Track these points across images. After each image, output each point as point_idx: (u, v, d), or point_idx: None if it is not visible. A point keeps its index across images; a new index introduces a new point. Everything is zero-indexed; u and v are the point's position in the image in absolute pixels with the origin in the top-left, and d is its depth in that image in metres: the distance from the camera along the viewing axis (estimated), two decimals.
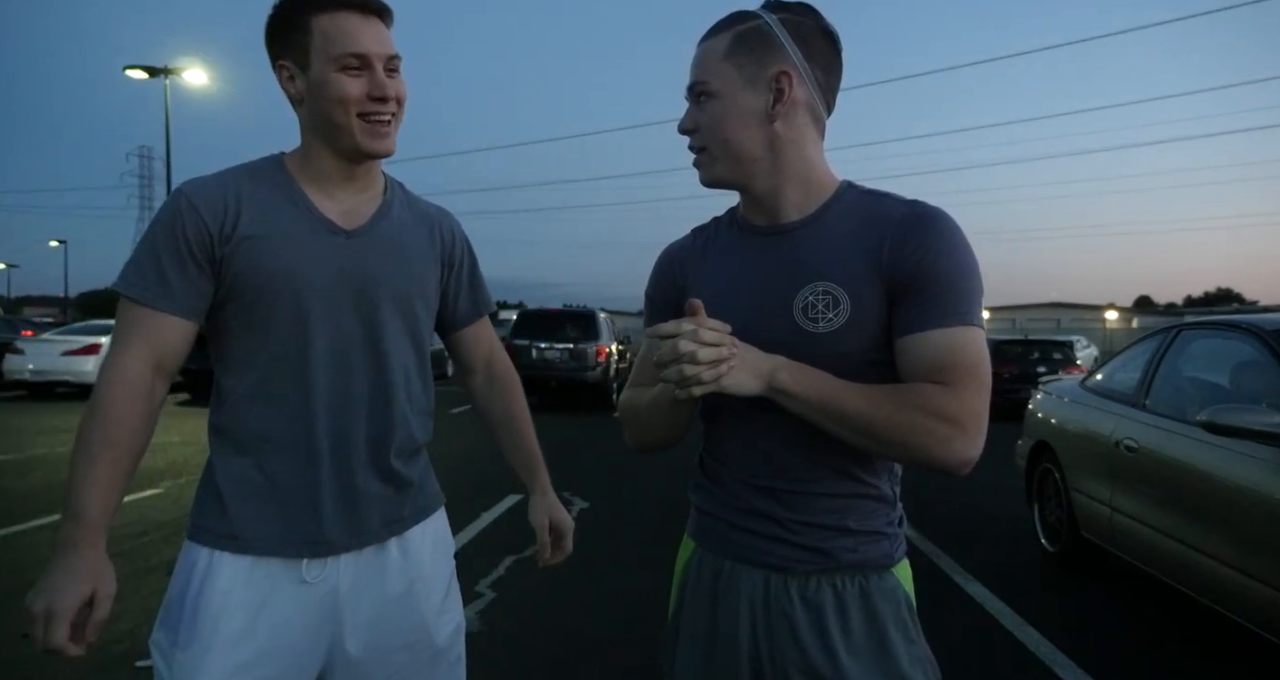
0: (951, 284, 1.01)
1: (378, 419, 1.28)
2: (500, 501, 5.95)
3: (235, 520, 1.22)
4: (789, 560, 1.10)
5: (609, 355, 13.29)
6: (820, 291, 1.05)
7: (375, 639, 1.28)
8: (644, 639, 3.44)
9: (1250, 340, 3.31)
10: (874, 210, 1.07)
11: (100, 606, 1.13)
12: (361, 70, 1.21)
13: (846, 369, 1.03)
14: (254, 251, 1.21)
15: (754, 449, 1.12)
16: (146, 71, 19.62)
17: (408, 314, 1.32)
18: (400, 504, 1.33)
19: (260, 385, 1.23)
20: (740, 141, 1.08)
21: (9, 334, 15.25)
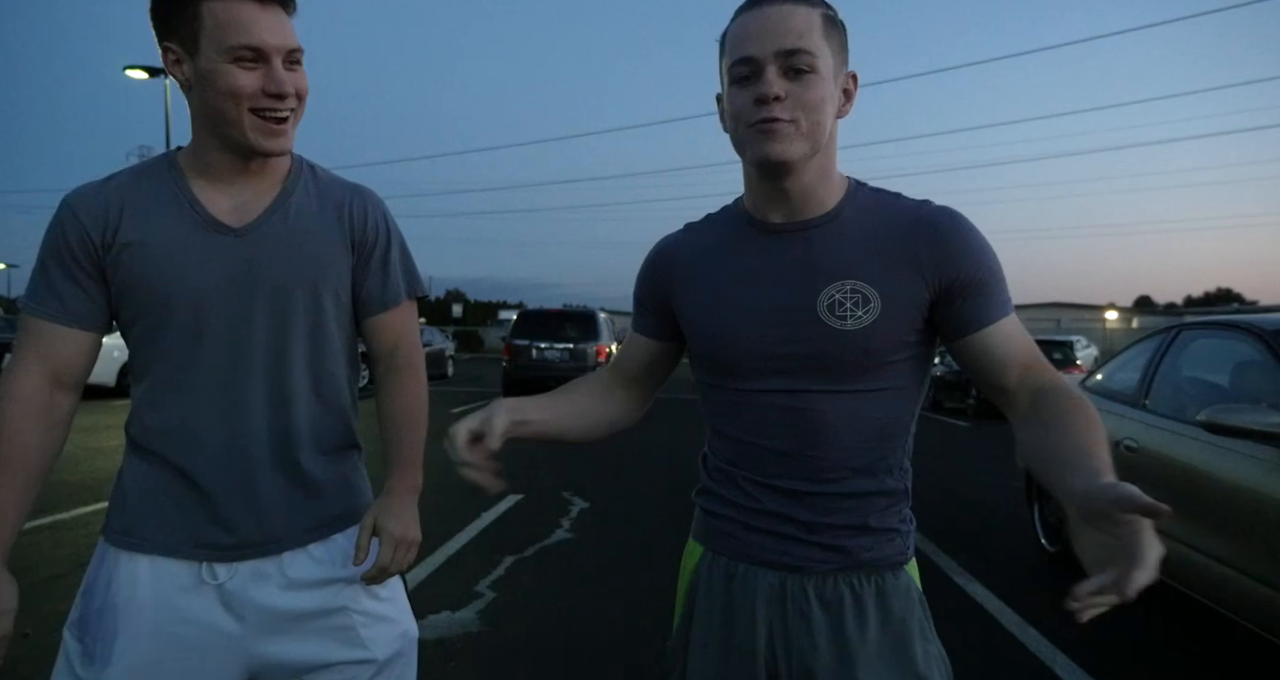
0: (998, 278, 1.06)
1: (279, 418, 1.24)
2: (500, 502, 5.95)
3: (135, 520, 1.21)
4: (805, 560, 1.09)
5: (609, 355, 13.30)
6: (848, 289, 1.04)
7: (302, 649, 1.23)
8: (644, 638, 3.44)
9: (1250, 340, 3.31)
10: (893, 210, 1.08)
11: (2, 621, 1.12)
12: (256, 63, 1.13)
13: (870, 365, 1.04)
14: (135, 258, 1.18)
15: (770, 450, 1.10)
16: (146, 71, 19.61)
17: (309, 308, 1.25)
18: (316, 509, 1.27)
19: (155, 389, 1.22)
20: (824, 126, 1.04)
21: (9, 334, 15.24)
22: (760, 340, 1.08)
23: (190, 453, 1.20)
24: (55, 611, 3.49)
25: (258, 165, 1.23)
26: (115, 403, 12.69)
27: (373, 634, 1.27)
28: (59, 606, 3.55)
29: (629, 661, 3.10)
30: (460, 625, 3.48)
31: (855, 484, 1.08)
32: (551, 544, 4.83)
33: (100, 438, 8.69)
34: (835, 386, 1.06)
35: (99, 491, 5.98)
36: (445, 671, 3.02)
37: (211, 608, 1.20)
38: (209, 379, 1.21)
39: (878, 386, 1.06)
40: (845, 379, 1.05)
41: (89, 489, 6.06)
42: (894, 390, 1.08)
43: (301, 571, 1.25)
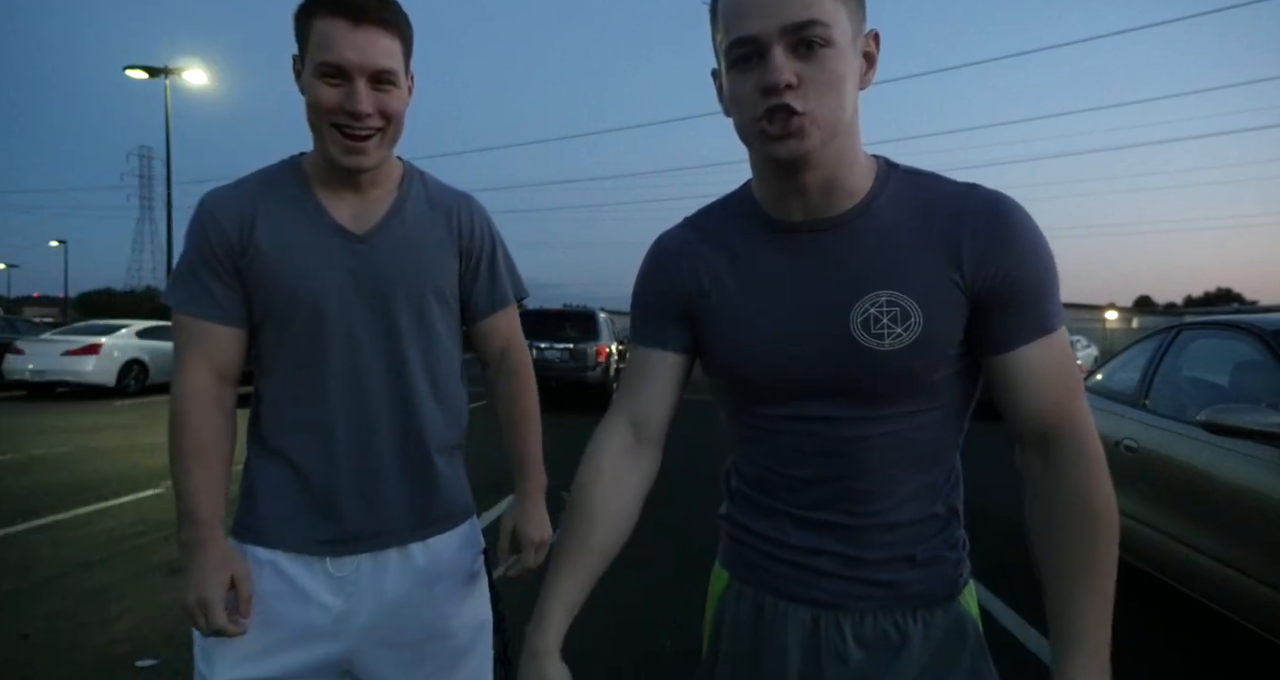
0: (1045, 290, 0.89)
1: (399, 418, 1.30)
2: (501, 501, 5.94)
3: (262, 518, 1.28)
4: (842, 596, 0.96)
5: (609, 355, 13.29)
6: (884, 302, 0.89)
7: (395, 634, 1.30)
8: (644, 639, 3.44)
9: (1250, 340, 3.31)
10: (931, 198, 0.92)
11: (242, 586, 1.22)
12: (339, 79, 1.17)
13: (914, 388, 0.91)
14: (268, 259, 1.24)
15: (801, 479, 0.97)
16: (146, 71, 19.62)
17: (424, 311, 1.32)
18: (427, 507, 1.33)
19: (282, 388, 1.28)
20: (846, 108, 0.88)
21: (9, 334, 15.25)
22: (786, 364, 0.95)
23: (315, 449, 1.27)
24: (55, 612, 3.50)
25: (368, 177, 1.29)
26: (115, 403, 12.70)
27: (459, 621, 1.36)
28: (59, 606, 3.56)
29: (629, 662, 3.10)
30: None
31: (898, 513, 0.95)
32: (551, 544, 4.82)
33: (100, 438, 8.68)
34: (873, 411, 0.92)
35: (99, 491, 5.98)
36: None
37: (330, 597, 1.27)
38: (333, 378, 1.26)
39: (921, 408, 0.93)
40: (884, 403, 0.92)
41: (89, 489, 6.06)
42: (940, 410, 0.94)
43: (407, 564, 1.31)
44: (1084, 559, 0.87)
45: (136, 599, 3.67)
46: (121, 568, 4.17)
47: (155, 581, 3.95)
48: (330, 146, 1.22)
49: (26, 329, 16.51)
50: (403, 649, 1.31)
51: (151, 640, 3.20)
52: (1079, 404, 0.91)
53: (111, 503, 5.66)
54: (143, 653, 3.08)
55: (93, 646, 3.13)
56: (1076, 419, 0.90)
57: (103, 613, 3.47)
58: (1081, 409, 0.91)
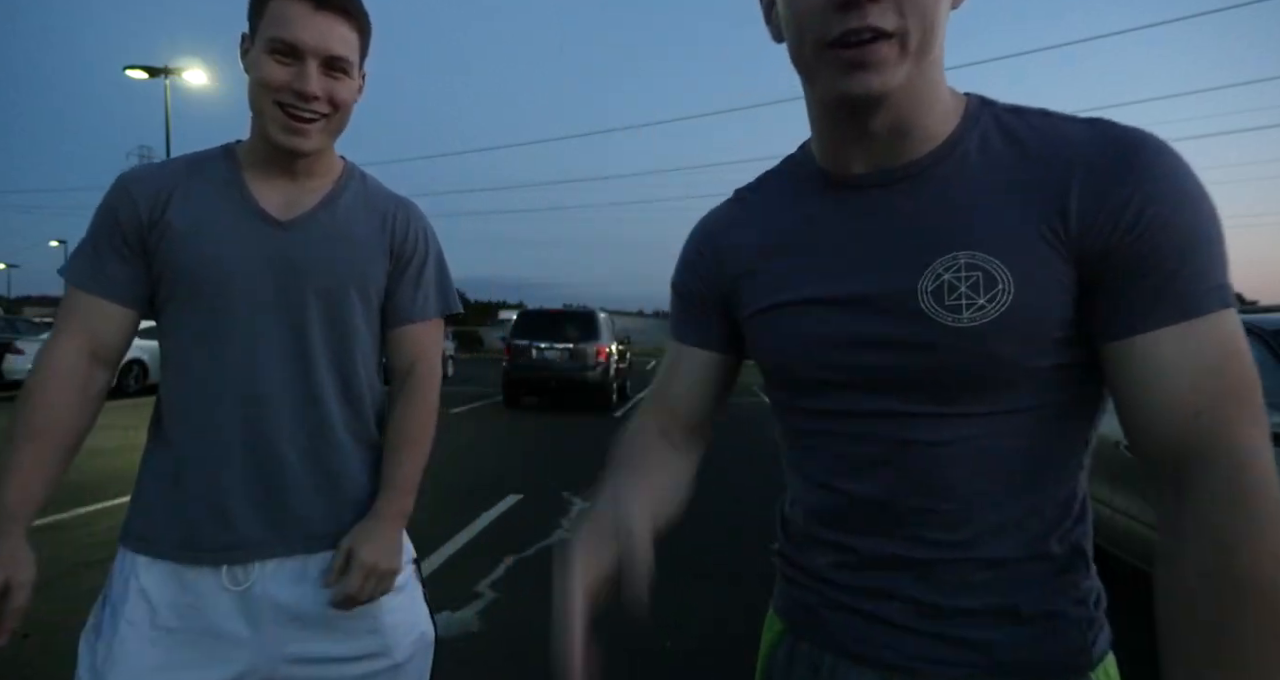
0: (1186, 252, 0.65)
1: (303, 419, 1.22)
2: (500, 501, 5.94)
3: (151, 523, 1.20)
4: (918, 659, 0.75)
5: (609, 355, 13.28)
6: (962, 265, 0.71)
7: (317, 650, 1.22)
8: (643, 639, 3.44)
9: (1250, 340, 3.31)
10: (1036, 138, 0.71)
11: (16, 595, 1.12)
12: (290, 59, 1.14)
13: (1000, 379, 0.71)
14: (178, 238, 1.19)
15: (862, 498, 0.78)
16: (146, 71, 19.62)
17: (342, 307, 1.25)
18: (337, 515, 1.25)
19: (180, 381, 1.21)
20: (941, 30, 0.70)
21: (9, 334, 15.25)
22: (837, 343, 0.77)
23: (205, 444, 1.19)
24: (55, 612, 3.48)
25: (303, 165, 1.24)
26: (113, 403, 12.69)
27: (393, 635, 1.27)
28: (59, 607, 3.54)
29: (629, 661, 3.10)
30: (460, 625, 3.47)
31: (989, 548, 0.73)
32: (551, 544, 4.81)
33: (99, 438, 8.67)
34: (951, 408, 0.73)
35: (99, 491, 5.98)
36: (445, 671, 3.02)
37: (229, 613, 1.18)
38: (234, 368, 1.20)
39: (1017, 407, 0.72)
40: (967, 398, 0.72)
41: (89, 489, 6.05)
42: (1046, 412, 0.72)
43: (321, 574, 1.23)
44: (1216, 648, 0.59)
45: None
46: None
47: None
48: (270, 125, 1.17)
49: (26, 329, 16.51)
50: (327, 666, 1.22)
51: None
52: (1239, 423, 0.63)
53: (111, 503, 5.66)
54: None
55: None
56: (1240, 441, 0.62)
57: None
58: (1250, 429, 0.63)
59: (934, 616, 0.75)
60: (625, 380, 15.82)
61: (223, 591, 1.18)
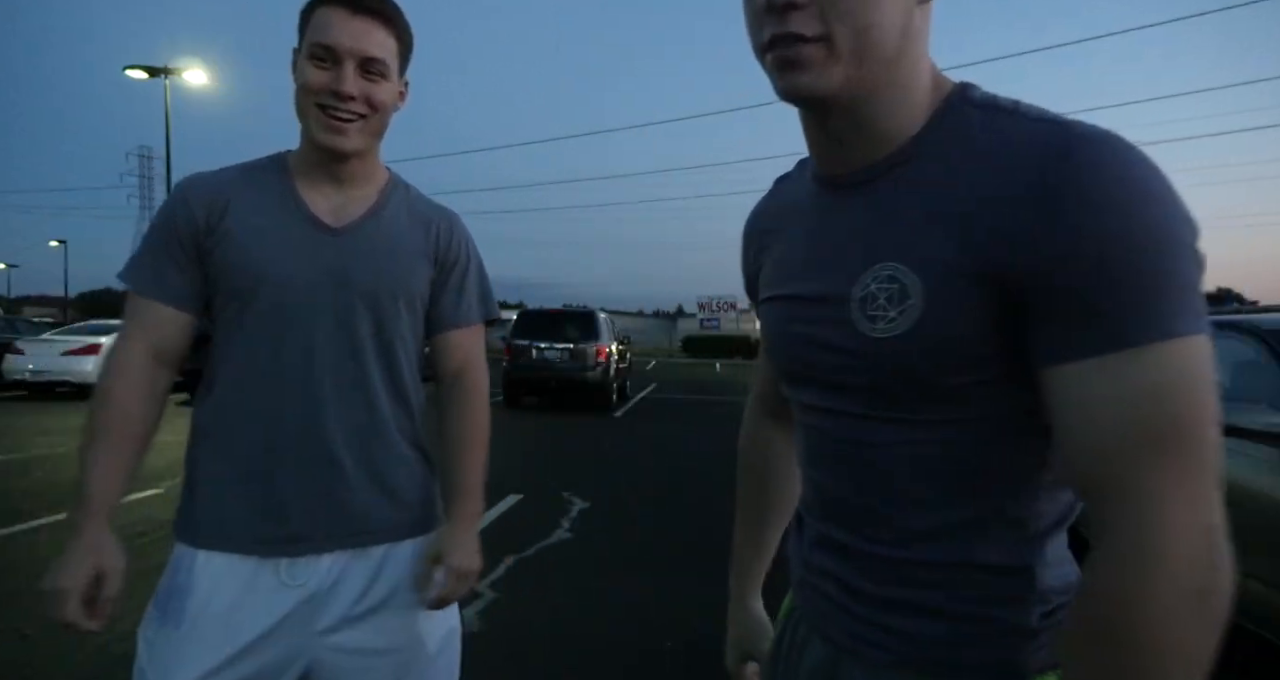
0: (1123, 274, 0.59)
1: (356, 421, 1.26)
2: (500, 501, 5.94)
3: (204, 515, 1.24)
4: (856, 639, 0.78)
5: (609, 355, 13.28)
6: (885, 277, 0.70)
7: (356, 643, 1.26)
8: (644, 639, 3.44)
9: (1250, 340, 3.31)
10: (995, 140, 0.67)
11: (108, 582, 1.16)
12: (328, 63, 1.20)
13: (922, 391, 0.69)
14: (236, 244, 1.23)
15: (820, 485, 0.82)
16: (146, 71, 19.62)
17: (390, 313, 1.30)
18: (387, 512, 1.29)
19: (234, 376, 1.25)
20: (883, 30, 0.68)
21: (9, 334, 15.25)
22: (798, 340, 0.79)
23: (262, 441, 1.23)
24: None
25: (349, 170, 1.29)
26: None
27: (428, 628, 1.32)
28: None
29: (629, 661, 3.10)
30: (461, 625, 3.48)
31: (921, 550, 0.73)
32: (551, 544, 4.82)
33: None
34: (889, 412, 0.73)
35: None
36: None
37: (282, 604, 1.22)
38: (288, 369, 1.24)
39: (948, 418, 0.70)
40: (898, 404, 0.72)
41: None
42: (982, 425, 0.70)
43: (368, 569, 1.27)
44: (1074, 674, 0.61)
45: (136, 599, 3.66)
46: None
47: (155, 581, 3.94)
48: (312, 126, 1.22)
49: (26, 329, 16.52)
50: (371, 656, 1.27)
51: None
52: (1152, 470, 0.58)
53: None
54: None
55: (92, 646, 3.13)
56: (1148, 492, 0.58)
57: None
58: (1165, 480, 0.58)
59: (866, 602, 0.77)
60: (625, 380, 15.81)
61: (279, 585, 1.22)
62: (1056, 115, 0.66)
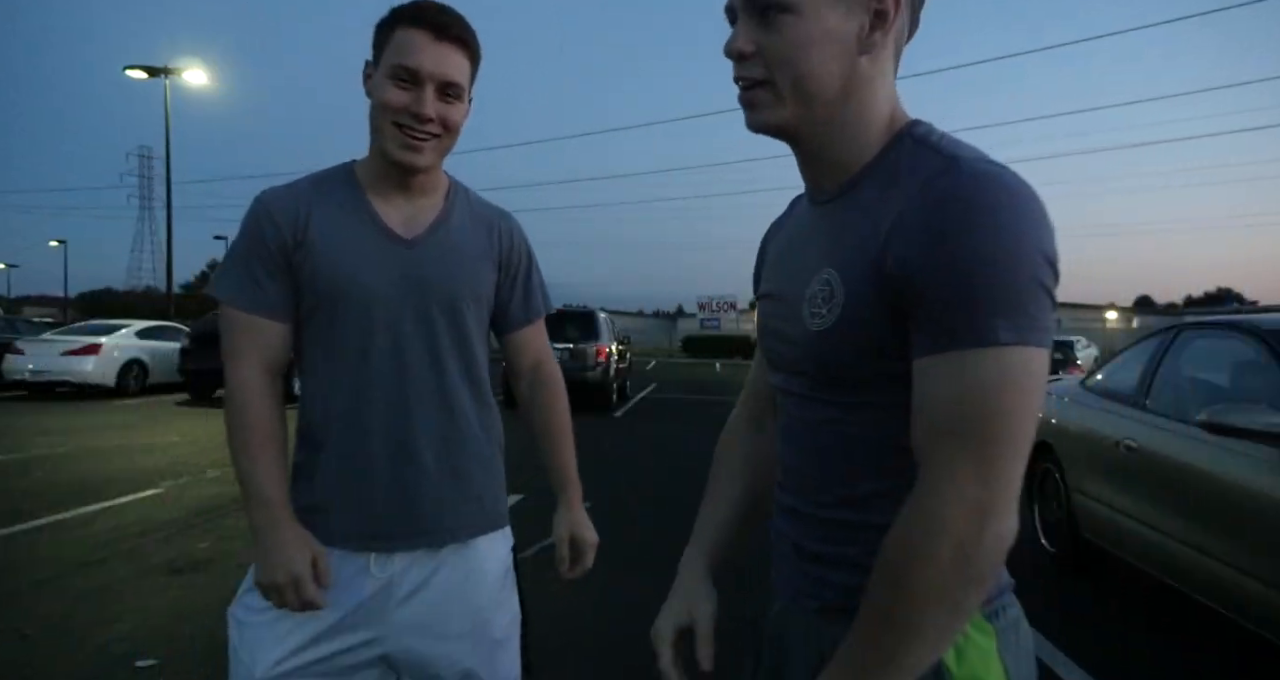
0: (955, 290, 0.71)
1: (439, 419, 1.34)
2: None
3: (300, 510, 1.30)
4: (796, 591, 0.92)
5: (609, 355, 13.29)
6: (824, 280, 0.83)
7: (434, 628, 1.33)
8: (644, 639, 3.43)
9: (1250, 340, 3.31)
10: (910, 174, 0.79)
11: (320, 562, 1.25)
12: (409, 84, 1.25)
13: (844, 377, 0.83)
14: (322, 257, 1.29)
15: (787, 461, 0.95)
16: (146, 71, 19.64)
17: (463, 317, 1.37)
18: (463, 509, 1.37)
19: (325, 383, 1.32)
20: (818, 78, 0.81)
21: (9, 334, 15.25)
22: (770, 332, 0.95)
23: (354, 444, 1.30)
24: (55, 612, 3.49)
25: (417, 183, 1.35)
26: (115, 403, 12.70)
27: (495, 615, 1.41)
28: (59, 606, 3.55)
29: (629, 661, 3.10)
30: None
31: (846, 512, 0.86)
32: (551, 544, 4.83)
33: (100, 438, 8.65)
34: (826, 395, 0.86)
35: (99, 491, 5.99)
36: None
37: (369, 596, 1.30)
38: (377, 376, 1.31)
39: (869, 401, 0.82)
40: (832, 388, 0.85)
41: (89, 489, 6.06)
42: (887, 409, 0.81)
43: (443, 562, 1.35)
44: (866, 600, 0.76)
45: (136, 599, 3.67)
46: (121, 568, 4.17)
47: (155, 581, 3.95)
48: (388, 142, 1.27)
49: (26, 329, 16.52)
50: (442, 642, 1.34)
51: (151, 640, 3.20)
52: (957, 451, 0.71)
53: (111, 503, 5.67)
54: (142, 653, 3.08)
55: (93, 646, 3.13)
56: (942, 465, 0.71)
57: (103, 613, 3.47)
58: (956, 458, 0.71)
59: (806, 558, 0.90)
60: (625, 380, 15.81)
61: (367, 577, 1.30)
62: (967, 152, 0.78)
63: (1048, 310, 0.73)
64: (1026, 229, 0.72)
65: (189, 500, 5.81)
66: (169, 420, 10.42)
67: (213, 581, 3.96)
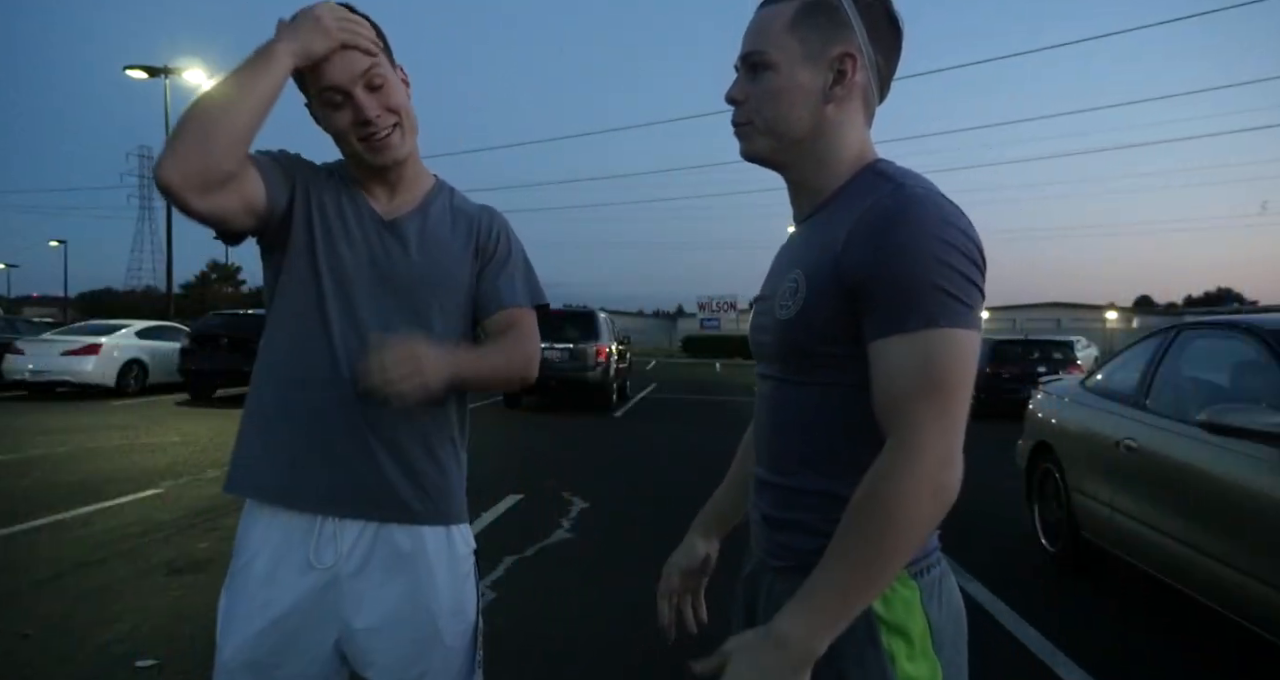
0: (902, 284, 0.90)
1: None
2: (500, 501, 5.95)
3: (246, 465, 1.33)
4: (765, 553, 1.08)
5: (609, 355, 13.28)
6: (791, 278, 1.02)
7: (383, 620, 1.33)
8: (644, 639, 3.43)
9: (1250, 340, 3.31)
10: (864, 197, 0.98)
11: None
12: (342, 99, 1.28)
13: (798, 356, 1.01)
14: (309, 213, 1.34)
15: (760, 436, 1.11)
16: (146, 71, 19.64)
17: (424, 302, 1.37)
18: (413, 492, 1.35)
19: (281, 343, 1.35)
20: (788, 120, 1.04)
21: (9, 334, 15.24)
22: (756, 326, 1.13)
23: (304, 412, 1.31)
24: (55, 612, 3.50)
25: (399, 176, 1.39)
26: (115, 403, 12.70)
27: (449, 624, 1.39)
28: (59, 606, 3.56)
29: (629, 661, 3.10)
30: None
31: (804, 479, 1.02)
32: (551, 544, 4.83)
33: (100, 438, 8.66)
34: (794, 377, 1.03)
35: (99, 491, 5.99)
36: None
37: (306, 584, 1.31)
38: (331, 341, 1.31)
39: (824, 381, 1.00)
40: (791, 369, 1.03)
41: (89, 489, 6.06)
42: (837, 387, 0.99)
43: (392, 555, 1.34)
44: (848, 534, 0.89)
45: (136, 599, 3.67)
46: (121, 568, 4.17)
47: (155, 581, 3.95)
48: (361, 156, 1.32)
49: (26, 329, 16.51)
50: (396, 644, 1.33)
51: (151, 640, 3.20)
52: (924, 409, 0.88)
53: (111, 503, 5.67)
54: (142, 653, 3.08)
55: (92, 646, 3.13)
56: (913, 421, 0.88)
57: (103, 613, 3.48)
58: (923, 414, 0.88)
59: (771, 525, 1.06)
60: (625, 380, 15.81)
61: (306, 566, 1.31)
62: (911, 180, 0.98)
63: (974, 295, 0.92)
64: (948, 235, 0.92)
65: (189, 500, 5.81)
66: (169, 420, 10.42)
67: (213, 581, 3.96)
